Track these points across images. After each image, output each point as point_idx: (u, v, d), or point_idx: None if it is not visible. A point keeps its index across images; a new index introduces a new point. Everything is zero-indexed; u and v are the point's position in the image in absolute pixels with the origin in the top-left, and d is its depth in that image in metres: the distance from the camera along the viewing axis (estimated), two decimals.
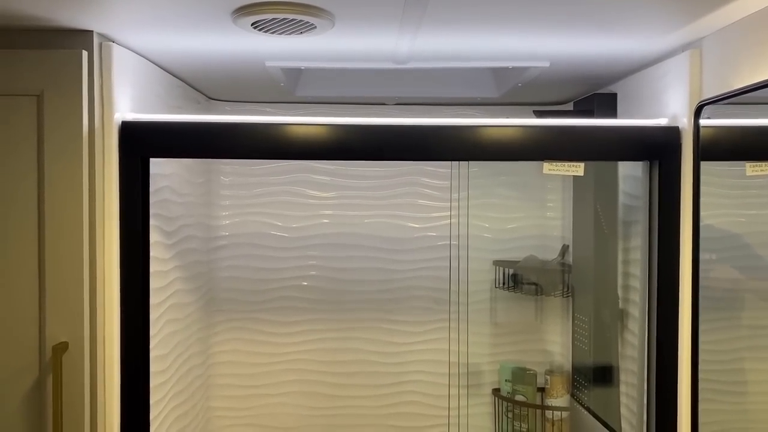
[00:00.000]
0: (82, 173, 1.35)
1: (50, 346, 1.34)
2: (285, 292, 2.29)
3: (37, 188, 1.35)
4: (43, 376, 1.35)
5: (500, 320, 2.31)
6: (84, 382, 1.35)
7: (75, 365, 1.35)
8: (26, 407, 1.35)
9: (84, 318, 1.36)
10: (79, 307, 1.35)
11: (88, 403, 1.36)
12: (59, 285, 1.35)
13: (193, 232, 2.01)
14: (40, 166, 1.35)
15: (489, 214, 2.29)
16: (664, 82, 1.56)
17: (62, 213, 1.35)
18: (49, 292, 1.35)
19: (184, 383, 1.93)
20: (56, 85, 1.34)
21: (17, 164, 1.35)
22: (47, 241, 1.35)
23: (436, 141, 1.49)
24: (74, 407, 1.34)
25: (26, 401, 1.35)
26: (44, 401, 1.34)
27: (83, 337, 1.35)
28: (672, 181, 1.46)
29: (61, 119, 1.34)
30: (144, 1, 1.19)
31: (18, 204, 1.35)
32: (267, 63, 1.66)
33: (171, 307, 1.78)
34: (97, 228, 1.38)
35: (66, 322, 1.35)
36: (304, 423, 2.29)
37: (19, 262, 1.35)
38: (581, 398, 2.08)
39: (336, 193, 2.30)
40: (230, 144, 1.45)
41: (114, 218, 1.41)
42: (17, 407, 1.35)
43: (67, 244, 1.35)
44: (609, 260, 1.88)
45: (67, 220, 1.35)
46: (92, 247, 1.38)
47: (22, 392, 1.35)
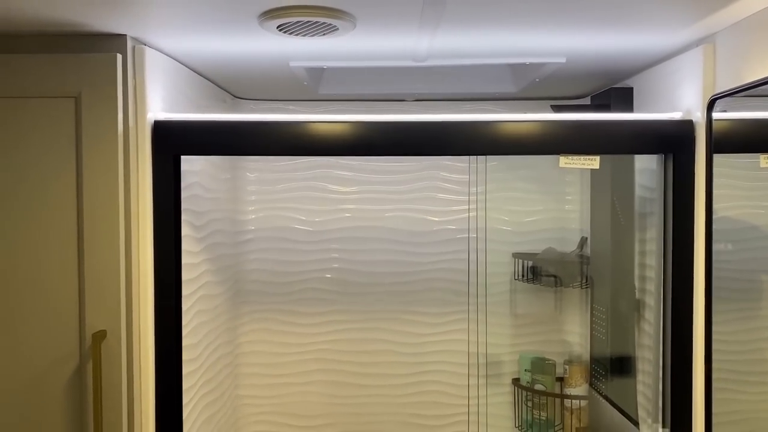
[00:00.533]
0: (118, 170, 1.42)
1: (90, 335, 1.42)
2: (309, 284, 2.36)
3: (76, 185, 1.43)
4: (84, 363, 1.43)
5: (520, 311, 2.35)
6: (121, 368, 1.43)
7: (113, 352, 1.43)
8: (68, 391, 1.43)
9: (121, 308, 1.43)
10: (116, 298, 1.43)
11: (125, 387, 1.44)
12: (97, 277, 1.43)
13: (220, 226, 2.08)
14: (78, 164, 1.42)
15: (508, 208, 2.33)
16: (678, 76, 1.59)
17: (99, 208, 1.42)
18: (88, 283, 1.43)
19: (213, 371, 2.00)
20: (93, 87, 1.42)
21: (57, 162, 1.43)
22: (86, 235, 1.42)
23: (455, 136, 1.54)
24: (112, 391, 1.42)
25: (68, 386, 1.43)
26: (84, 386, 1.42)
27: (120, 325, 1.43)
28: (686, 173, 1.49)
29: (97, 119, 1.42)
30: (175, 7, 1.26)
31: (58, 200, 1.43)
32: (291, 63, 1.72)
33: (201, 298, 1.85)
34: (132, 222, 1.46)
35: (104, 312, 1.43)
36: (328, 411, 2.36)
37: (59, 255, 1.43)
38: (599, 387, 2.11)
39: (357, 188, 2.36)
40: (257, 141, 1.51)
41: (148, 213, 1.48)
42: (60, 391, 1.43)
43: (105, 238, 1.42)
44: (626, 251, 1.91)
45: (104, 215, 1.42)
46: (128, 240, 1.45)
47: (65, 378, 1.43)
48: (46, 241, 1.43)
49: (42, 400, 1.43)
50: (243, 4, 1.22)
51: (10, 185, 1.43)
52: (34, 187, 1.43)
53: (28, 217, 1.43)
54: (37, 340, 1.43)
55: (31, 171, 1.43)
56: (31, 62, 1.41)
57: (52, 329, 1.43)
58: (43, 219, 1.43)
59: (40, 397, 1.43)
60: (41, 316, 1.43)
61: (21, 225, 1.43)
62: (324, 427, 2.36)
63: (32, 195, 1.43)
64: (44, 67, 1.42)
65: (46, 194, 1.43)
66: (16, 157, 1.42)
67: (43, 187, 1.43)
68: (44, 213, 1.43)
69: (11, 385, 1.43)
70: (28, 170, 1.43)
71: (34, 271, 1.43)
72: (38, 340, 1.43)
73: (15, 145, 1.42)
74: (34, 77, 1.42)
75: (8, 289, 1.43)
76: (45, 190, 1.43)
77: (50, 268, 1.43)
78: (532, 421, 2.26)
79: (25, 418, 1.44)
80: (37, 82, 1.42)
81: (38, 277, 1.43)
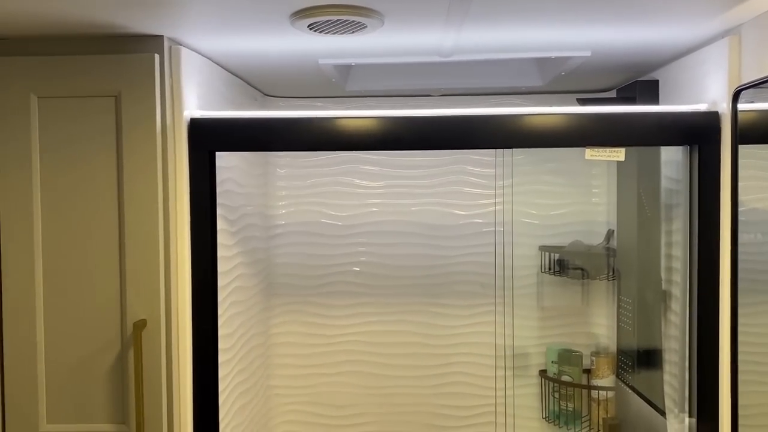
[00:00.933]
0: (156, 166, 1.49)
1: (131, 323, 1.49)
2: (337, 277, 2.41)
3: (117, 180, 1.49)
4: (125, 350, 1.50)
5: (547, 304, 2.37)
6: (161, 355, 1.50)
7: (153, 340, 1.49)
8: (111, 376, 1.50)
9: (160, 297, 1.50)
10: (155, 288, 1.49)
11: (164, 373, 1.50)
12: (138, 268, 1.49)
13: (253, 220, 2.14)
14: (119, 160, 1.49)
15: (535, 201, 2.35)
16: (704, 68, 1.60)
17: (139, 203, 1.49)
18: (129, 274, 1.49)
19: (247, 362, 2.06)
20: (132, 86, 1.48)
21: (99, 158, 1.49)
22: (126, 229, 1.49)
23: (481, 130, 1.57)
24: (152, 377, 1.49)
25: (111, 371, 1.50)
26: (126, 371, 1.49)
27: (160, 314, 1.50)
28: (711, 164, 1.50)
29: (136, 117, 1.48)
30: (210, 8, 1.31)
31: (100, 194, 1.50)
32: (320, 61, 1.76)
33: (235, 289, 1.91)
34: (170, 216, 1.52)
35: (144, 301, 1.49)
36: (357, 401, 2.41)
37: (102, 248, 1.50)
38: (626, 378, 2.13)
39: (384, 183, 2.40)
40: (289, 137, 1.56)
41: (185, 207, 1.54)
42: (104, 376, 1.51)
43: (144, 231, 1.49)
44: (652, 243, 1.92)
45: (144, 210, 1.49)
46: (166, 233, 1.51)
47: (108, 363, 1.50)
48: (90, 233, 1.50)
49: (88, 384, 1.51)
50: (276, 4, 1.27)
51: (56, 181, 1.50)
52: (79, 183, 1.50)
53: (74, 211, 1.50)
54: (83, 328, 1.51)
55: (75, 167, 1.50)
56: (75, 63, 1.48)
57: (97, 318, 1.50)
58: (88, 213, 1.50)
59: (86, 380, 1.51)
60: (86, 306, 1.50)
61: (68, 219, 1.50)
62: (353, 416, 2.41)
63: (77, 190, 1.50)
64: (87, 68, 1.48)
65: (90, 190, 1.50)
66: (61, 154, 1.50)
67: (87, 183, 1.50)
68: (88, 208, 1.50)
69: (61, 369, 1.51)
70: (73, 166, 1.50)
71: (80, 262, 1.50)
72: (84, 328, 1.51)
73: (61, 142, 1.50)
74: (78, 77, 1.48)
75: (57, 279, 1.51)
76: (89, 185, 1.50)
77: (94, 259, 1.50)
78: (559, 412, 2.28)
79: (74, 398, 1.52)
80: (80, 82, 1.49)
81: (84, 268, 1.50)
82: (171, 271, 1.52)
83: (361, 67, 2.10)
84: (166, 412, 1.50)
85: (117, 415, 1.51)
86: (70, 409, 1.51)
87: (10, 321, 1.50)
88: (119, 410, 1.51)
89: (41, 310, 1.51)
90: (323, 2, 1.27)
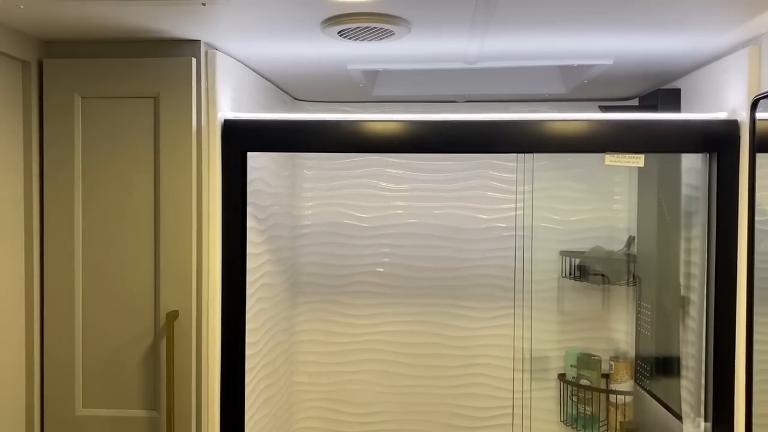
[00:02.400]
0: (191, 165, 1.56)
1: (164, 314, 1.56)
2: (361, 277, 2.46)
3: (153, 176, 1.57)
4: (158, 339, 1.57)
5: (567, 308, 2.39)
6: (191, 345, 1.56)
7: (184, 330, 1.56)
8: (144, 363, 1.58)
9: (192, 290, 1.57)
10: (188, 281, 1.56)
11: (194, 362, 1.57)
12: (172, 261, 1.56)
13: (280, 220, 2.21)
14: (156, 158, 1.56)
15: (557, 206, 2.38)
16: (724, 77, 1.62)
17: (174, 198, 1.56)
18: (163, 267, 1.57)
19: (271, 357, 2.13)
20: (170, 88, 1.56)
21: (137, 155, 1.57)
22: (162, 224, 1.56)
23: (504, 134, 1.61)
24: (183, 366, 1.55)
25: (144, 359, 1.58)
26: (159, 360, 1.56)
27: (191, 306, 1.56)
28: (730, 172, 1.53)
29: (173, 117, 1.56)
30: (245, 15, 1.38)
31: (137, 190, 1.57)
32: (349, 66, 1.82)
33: (261, 286, 1.98)
34: (203, 213, 1.59)
35: (177, 294, 1.56)
36: (378, 399, 2.46)
37: (138, 242, 1.58)
38: (644, 383, 2.14)
39: (408, 186, 2.45)
40: (318, 139, 1.62)
41: (217, 204, 1.61)
42: (137, 363, 1.58)
43: (178, 226, 1.56)
44: (672, 249, 1.95)
45: (179, 206, 1.56)
46: (199, 228, 1.58)
47: (142, 351, 1.58)
48: (128, 227, 1.58)
49: (122, 371, 1.58)
50: (308, 11, 1.34)
51: (97, 176, 1.58)
52: (117, 179, 1.58)
53: (113, 205, 1.58)
54: (119, 318, 1.58)
55: (114, 164, 1.58)
56: (116, 65, 1.57)
57: (132, 308, 1.58)
58: (126, 208, 1.58)
59: (121, 368, 1.58)
60: (123, 296, 1.58)
61: (106, 213, 1.58)
62: (373, 414, 2.46)
63: (116, 186, 1.58)
64: (128, 70, 1.56)
65: (128, 185, 1.58)
66: (102, 151, 1.58)
67: (124, 179, 1.58)
68: (126, 203, 1.58)
69: (97, 357, 1.59)
70: (112, 163, 1.58)
71: (118, 255, 1.58)
72: (120, 317, 1.58)
73: (101, 140, 1.58)
74: (119, 79, 1.57)
75: (96, 271, 1.59)
76: (126, 181, 1.58)
77: (131, 252, 1.58)
78: (577, 416, 2.31)
79: (108, 385, 1.59)
80: (121, 84, 1.57)
81: (121, 260, 1.58)
82: (203, 264, 1.59)
83: (388, 72, 2.16)
84: (195, 400, 1.57)
85: (148, 402, 1.58)
86: (104, 394, 1.59)
87: (51, 310, 1.59)
88: (150, 397, 1.58)
89: (80, 301, 1.59)
90: (353, 10, 1.33)
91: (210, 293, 1.61)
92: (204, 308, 1.60)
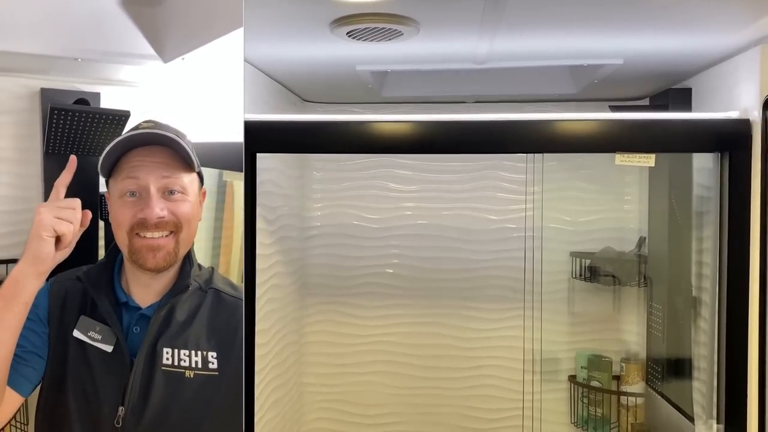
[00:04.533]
0: None
1: None
2: (370, 278, 2.46)
3: None
4: None
5: (577, 310, 2.38)
6: None
7: None
8: None
9: None
10: None
11: None
12: None
13: (290, 221, 2.22)
14: None
15: (567, 207, 2.37)
16: (736, 76, 1.61)
17: None
18: None
19: (281, 357, 2.13)
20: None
21: None
22: None
23: (514, 134, 1.61)
24: None
25: None
26: None
27: None
28: (742, 171, 1.52)
29: None
30: (255, 17, 1.39)
31: None
32: (357, 67, 1.83)
33: (271, 287, 1.98)
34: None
35: None
36: (388, 401, 2.45)
37: None
38: (656, 385, 2.13)
39: (417, 187, 2.44)
40: (328, 140, 1.62)
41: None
42: None
43: None
44: (683, 250, 1.93)
45: None
46: None
47: None
48: None
49: None
50: (317, 12, 1.34)
51: None
52: None
53: None
54: None
55: None
56: None
57: None
58: None
59: None
60: None
61: None
62: (384, 416, 2.46)
63: None
64: None
65: None
66: None
67: None
68: None
69: None
70: None
71: None
72: None
73: None
74: None
75: None
76: None
77: None
78: (587, 418, 2.29)
79: None
80: None
81: None
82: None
83: (397, 73, 2.16)
84: None
85: None
86: None
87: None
88: None
89: None
90: (362, 11, 1.33)
91: None
92: None
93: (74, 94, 1.55)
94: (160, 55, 1.39)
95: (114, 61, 1.41)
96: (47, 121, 1.46)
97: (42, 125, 1.50)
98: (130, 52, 1.37)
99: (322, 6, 1.30)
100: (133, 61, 1.42)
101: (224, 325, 1.34)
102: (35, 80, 1.51)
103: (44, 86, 1.52)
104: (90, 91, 1.57)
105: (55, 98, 1.53)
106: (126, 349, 1.27)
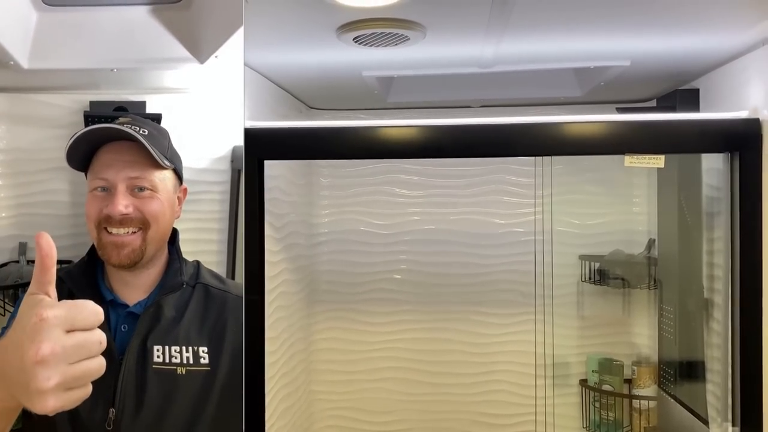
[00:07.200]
0: None
1: None
2: (379, 284, 2.45)
3: None
4: None
5: (587, 313, 2.37)
6: None
7: None
8: None
9: None
10: None
11: None
12: None
13: (297, 228, 2.21)
14: None
15: (575, 210, 2.36)
16: (744, 76, 1.60)
17: None
18: None
19: (290, 365, 2.12)
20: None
21: None
22: None
23: (521, 137, 1.60)
24: None
25: None
26: None
27: None
28: (752, 171, 1.50)
29: None
30: (261, 24, 1.39)
31: None
32: (363, 73, 1.83)
33: (279, 294, 1.98)
34: None
35: None
36: (398, 408, 2.44)
37: None
38: (668, 387, 2.11)
39: (425, 192, 2.44)
40: (335, 146, 1.62)
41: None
42: None
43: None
44: (693, 251, 1.92)
45: None
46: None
47: None
48: None
49: None
50: (324, 19, 1.34)
51: None
52: None
53: None
54: None
55: None
56: None
57: None
58: None
59: None
60: None
61: None
62: (394, 423, 2.44)
63: None
64: None
65: None
66: None
67: None
68: None
69: None
70: None
71: None
72: None
73: None
74: None
75: None
76: None
77: None
78: (599, 422, 2.28)
79: None
80: None
81: None
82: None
83: (402, 79, 2.16)
84: None
85: None
86: None
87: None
88: None
89: None
90: (369, 16, 1.33)
91: None
92: None
93: (120, 104, 1.64)
94: (195, 56, 1.41)
95: (150, 68, 1.45)
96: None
97: None
98: (164, 57, 1.40)
99: (329, 12, 1.30)
100: (170, 65, 1.46)
101: (214, 320, 1.32)
102: (86, 95, 1.65)
103: (93, 99, 1.64)
104: (136, 100, 1.67)
105: (100, 109, 1.62)
106: (114, 347, 1.24)
